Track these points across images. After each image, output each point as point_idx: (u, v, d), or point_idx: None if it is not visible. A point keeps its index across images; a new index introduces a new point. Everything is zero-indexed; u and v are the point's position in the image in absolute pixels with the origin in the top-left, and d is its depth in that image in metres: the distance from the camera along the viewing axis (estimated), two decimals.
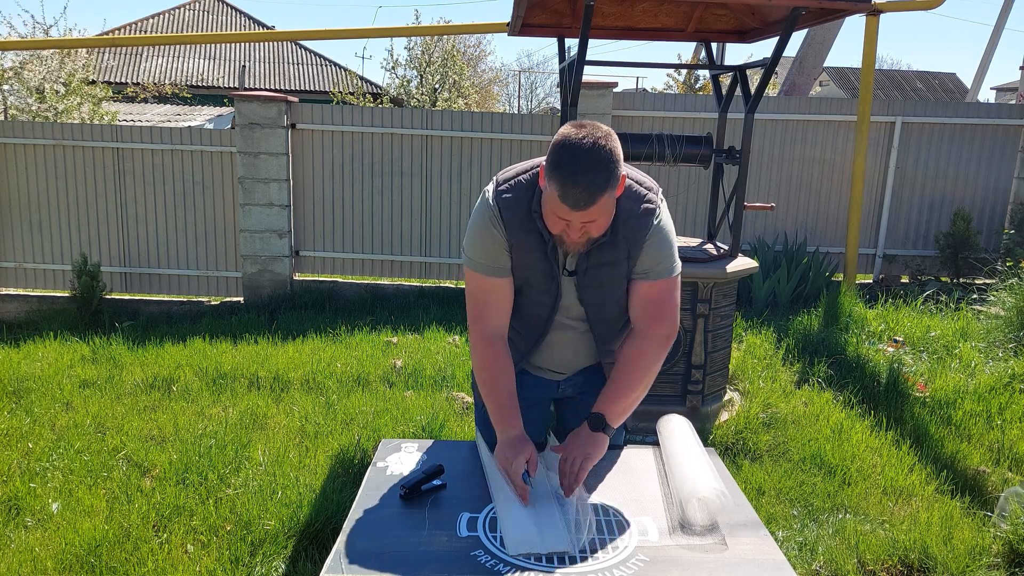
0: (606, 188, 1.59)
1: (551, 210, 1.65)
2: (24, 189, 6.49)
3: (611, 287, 1.84)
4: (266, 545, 2.73)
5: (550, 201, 1.63)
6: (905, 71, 30.91)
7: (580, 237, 1.68)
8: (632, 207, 1.76)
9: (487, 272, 1.81)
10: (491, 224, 1.77)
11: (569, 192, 1.57)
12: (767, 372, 4.61)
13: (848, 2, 3.15)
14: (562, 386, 2.05)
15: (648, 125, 6.53)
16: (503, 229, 1.77)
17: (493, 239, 1.78)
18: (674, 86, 18.33)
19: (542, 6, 3.78)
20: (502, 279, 1.82)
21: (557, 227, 1.68)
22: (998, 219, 6.87)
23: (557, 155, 1.59)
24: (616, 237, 1.76)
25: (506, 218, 1.77)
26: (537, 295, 1.86)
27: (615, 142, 1.62)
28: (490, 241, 1.78)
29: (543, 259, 1.79)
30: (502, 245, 1.78)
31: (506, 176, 1.81)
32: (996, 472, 3.43)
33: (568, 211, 1.60)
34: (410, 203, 6.64)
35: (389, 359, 4.92)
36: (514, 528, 1.52)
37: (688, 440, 1.84)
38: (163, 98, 17.16)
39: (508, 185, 1.79)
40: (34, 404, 4.16)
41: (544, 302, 1.86)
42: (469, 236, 1.83)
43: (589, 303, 1.86)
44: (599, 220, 1.65)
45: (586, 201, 1.58)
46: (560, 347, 1.96)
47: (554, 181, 1.59)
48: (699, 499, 1.61)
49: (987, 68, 10.76)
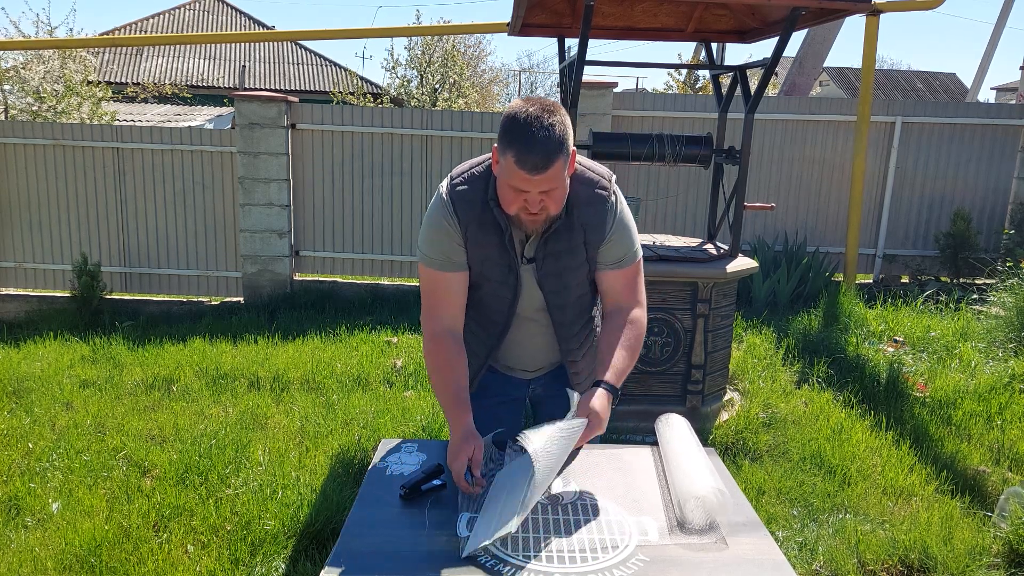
0: (561, 151, 1.60)
1: (507, 183, 1.65)
2: (24, 189, 6.49)
3: (571, 273, 1.86)
4: (266, 545, 2.73)
5: (506, 173, 1.64)
6: (905, 71, 30.91)
7: (538, 212, 1.68)
8: (586, 192, 1.79)
9: (439, 267, 1.82)
10: (444, 219, 1.79)
11: (526, 156, 1.58)
12: (767, 372, 4.61)
13: (848, 2, 3.15)
14: (532, 385, 2.07)
15: (648, 125, 6.53)
16: (456, 223, 1.78)
17: (446, 234, 1.79)
18: (674, 86, 18.33)
19: (542, 6, 3.78)
20: (454, 273, 1.82)
21: (515, 204, 1.67)
22: (998, 219, 6.87)
23: (510, 125, 1.61)
24: (572, 222, 1.78)
25: (460, 211, 1.78)
26: (497, 288, 1.86)
27: (564, 113, 1.65)
28: (443, 235, 1.79)
29: (501, 251, 1.80)
30: (455, 239, 1.79)
31: (460, 170, 1.83)
32: (996, 472, 3.43)
33: (525, 177, 1.60)
34: (410, 203, 6.64)
35: (389, 359, 4.92)
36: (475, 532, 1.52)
37: (687, 440, 1.84)
38: (163, 98, 17.16)
39: (462, 178, 1.81)
40: (34, 404, 4.16)
41: (504, 295, 1.86)
42: (423, 232, 1.84)
43: (549, 291, 1.86)
44: (555, 191, 1.66)
45: (543, 162, 1.59)
46: (523, 343, 1.97)
47: (510, 149, 1.60)
48: (697, 498, 1.61)
49: (987, 68, 10.76)
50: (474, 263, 1.83)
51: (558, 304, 1.89)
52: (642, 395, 3.78)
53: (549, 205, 1.68)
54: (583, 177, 1.80)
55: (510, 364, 2.04)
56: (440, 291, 1.84)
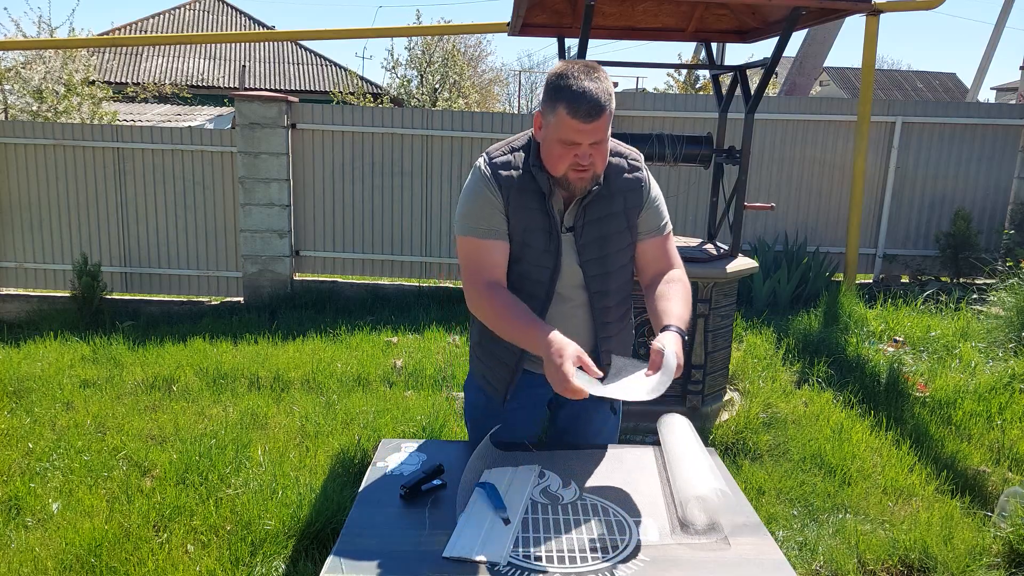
0: (609, 101, 1.67)
1: (557, 140, 1.70)
2: (24, 189, 6.49)
3: (612, 241, 1.86)
4: (266, 545, 2.73)
5: (556, 128, 1.68)
6: (905, 71, 30.90)
7: (587, 168, 1.72)
8: (620, 163, 1.87)
9: (481, 235, 1.82)
10: (485, 188, 1.81)
11: (579, 106, 1.63)
12: (767, 372, 4.61)
13: (848, 2, 3.15)
14: None
15: (648, 125, 6.53)
16: (498, 190, 1.81)
17: (488, 202, 1.81)
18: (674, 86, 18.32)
19: (542, 6, 3.78)
20: (496, 241, 1.82)
21: (564, 160, 1.71)
22: (998, 219, 6.87)
23: (558, 81, 1.68)
24: (610, 190, 1.84)
25: (501, 179, 1.81)
26: (537, 257, 1.85)
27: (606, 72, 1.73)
28: (485, 204, 1.81)
29: (542, 216, 1.82)
30: (497, 207, 1.81)
31: (496, 146, 1.89)
32: (996, 472, 3.43)
33: (578, 127, 1.65)
34: (410, 203, 6.64)
35: (389, 359, 4.92)
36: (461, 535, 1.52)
37: (688, 439, 1.84)
38: (163, 98, 17.16)
39: (500, 151, 1.86)
40: (34, 404, 4.17)
41: (545, 264, 1.85)
42: (461, 205, 1.85)
43: (588, 260, 1.86)
44: (602, 144, 1.71)
45: (596, 110, 1.64)
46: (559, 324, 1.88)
47: (561, 102, 1.65)
48: (699, 498, 1.61)
49: (987, 68, 10.77)
50: (515, 232, 1.83)
51: (598, 276, 1.87)
52: None
53: (596, 160, 1.73)
54: (615, 150, 1.88)
55: None
56: (483, 257, 1.82)
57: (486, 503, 1.62)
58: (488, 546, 1.48)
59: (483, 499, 1.64)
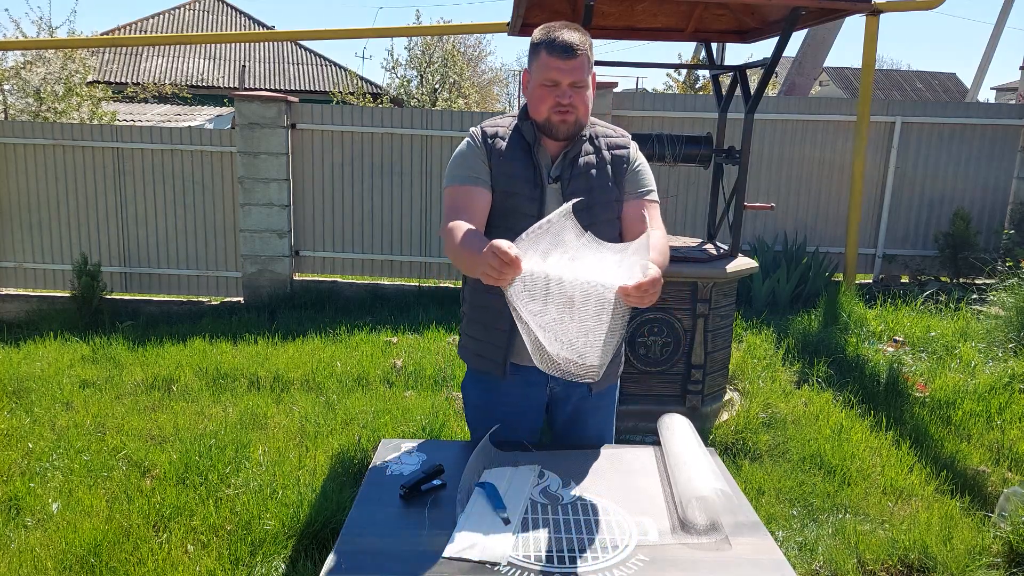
0: (586, 44, 1.79)
1: (539, 83, 1.81)
2: (24, 189, 6.49)
3: (599, 193, 1.89)
4: (266, 545, 2.73)
5: (538, 71, 1.81)
6: (905, 71, 30.91)
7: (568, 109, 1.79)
8: (607, 131, 1.98)
9: (462, 181, 1.89)
10: (470, 141, 1.93)
11: (556, 43, 1.76)
12: (767, 372, 4.61)
13: (848, 2, 3.15)
14: (551, 383, 2.01)
15: (648, 125, 6.53)
16: (482, 142, 1.91)
17: (471, 153, 1.91)
18: (674, 86, 18.32)
19: (542, 6, 3.78)
20: (476, 187, 1.88)
21: (547, 101, 1.81)
22: (998, 219, 6.88)
23: (540, 32, 1.82)
24: (598, 146, 1.93)
25: (487, 134, 1.91)
26: (522, 205, 1.88)
27: None
28: (467, 155, 1.91)
29: (527, 165, 1.89)
30: (480, 157, 1.90)
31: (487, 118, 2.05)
32: (996, 472, 3.43)
33: (557, 63, 1.77)
34: (410, 203, 6.64)
35: (389, 359, 4.92)
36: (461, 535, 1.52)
37: (688, 440, 1.84)
38: (163, 98, 17.16)
39: (493, 120, 1.99)
40: (34, 404, 4.16)
41: (530, 212, 1.86)
42: (449, 164, 1.96)
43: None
44: (583, 91, 1.81)
45: (573, 48, 1.76)
46: None
47: (542, 44, 1.79)
48: (699, 498, 1.61)
49: (987, 68, 10.78)
50: (499, 181, 1.89)
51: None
52: (642, 395, 3.78)
53: (577, 102, 1.81)
54: (603, 124, 2.00)
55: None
56: (460, 200, 1.87)
57: (486, 503, 1.63)
58: (488, 546, 1.48)
59: (483, 499, 1.64)
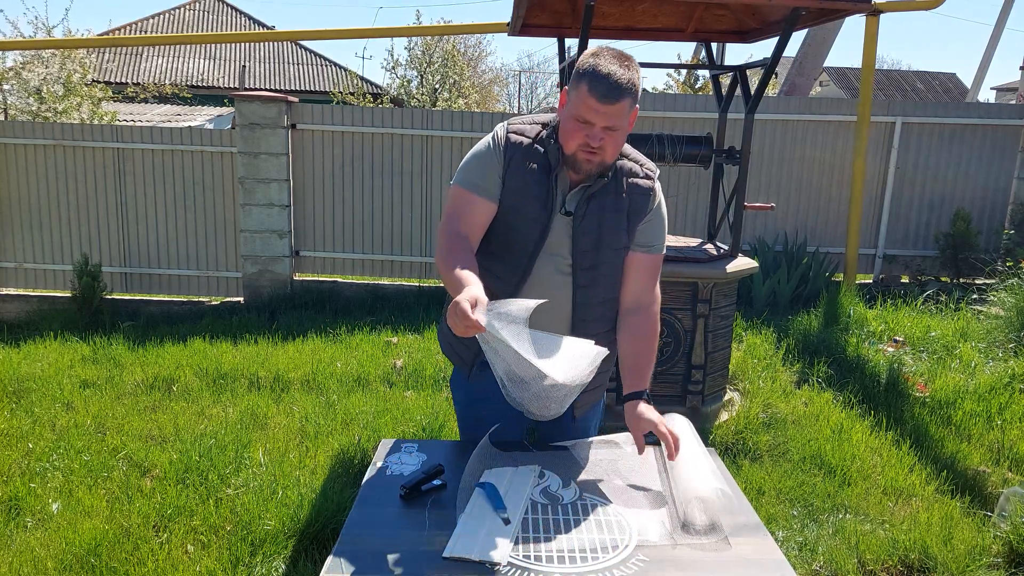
0: (631, 91, 1.67)
1: (574, 116, 1.71)
2: (24, 189, 6.49)
3: (609, 236, 1.84)
4: (266, 545, 2.73)
5: (575, 104, 1.70)
6: (905, 71, 30.89)
7: (597, 151, 1.71)
8: (635, 167, 1.87)
9: (469, 188, 1.83)
10: (491, 146, 1.84)
11: (600, 82, 1.65)
12: (767, 372, 4.61)
13: (848, 2, 3.15)
14: None
15: (648, 125, 6.53)
16: (502, 151, 1.82)
17: (488, 160, 1.83)
18: (674, 86, 18.31)
19: (542, 6, 3.78)
20: (482, 199, 1.82)
21: (576, 138, 1.72)
22: (998, 219, 6.87)
23: (588, 59, 1.70)
24: (620, 186, 1.84)
25: (511, 141, 1.83)
26: (524, 224, 1.82)
27: (639, 69, 1.73)
28: (484, 161, 1.84)
29: (541, 186, 1.80)
30: (495, 169, 1.82)
31: (521, 117, 1.92)
32: (996, 472, 3.43)
33: (595, 105, 1.66)
34: (410, 203, 6.64)
35: (389, 359, 4.92)
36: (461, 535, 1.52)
37: (689, 440, 1.84)
38: (163, 98, 17.16)
39: (522, 120, 1.89)
40: (34, 404, 4.16)
41: (531, 233, 1.82)
42: (465, 159, 1.89)
43: (583, 251, 1.82)
44: (616, 134, 1.71)
45: (615, 93, 1.65)
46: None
47: (584, 79, 1.67)
48: (700, 498, 1.61)
49: (987, 68, 10.77)
50: (508, 195, 1.82)
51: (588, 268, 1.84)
52: None
53: (607, 146, 1.72)
54: (633, 155, 1.90)
55: None
56: (463, 209, 1.82)
57: (486, 503, 1.63)
58: (488, 546, 1.48)
59: (483, 499, 1.64)
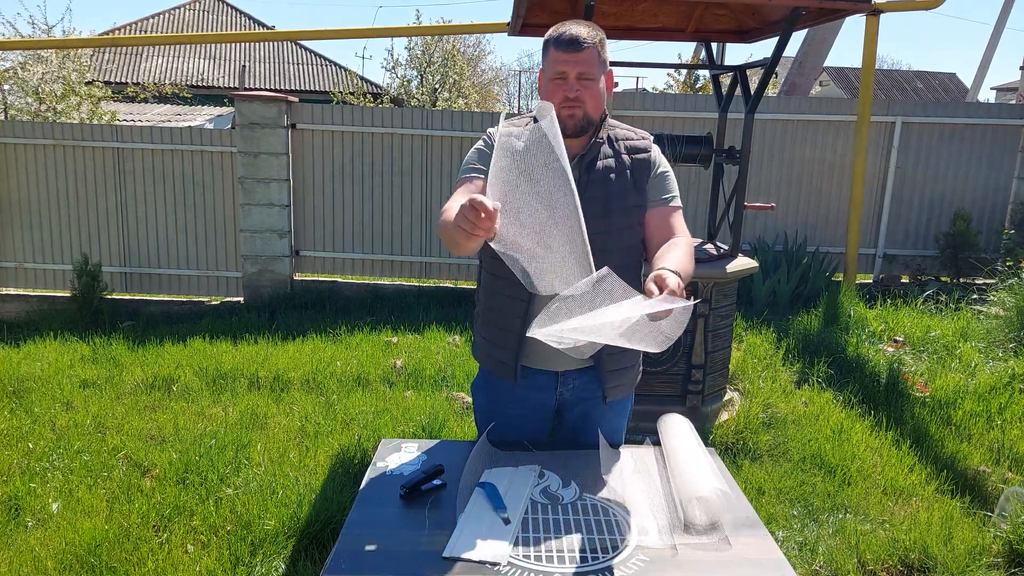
0: (595, 39, 1.79)
1: (550, 76, 1.81)
2: (24, 189, 6.49)
3: (616, 198, 1.84)
4: (266, 545, 2.73)
5: (548, 66, 1.81)
6: (905, 71, 30.91)
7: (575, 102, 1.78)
8: (627, 133, 1.95)
9: (467, 173, 1.89)
10: (485, 142, 1.93)
11: (562, 37, 1.78)
12: (767, 372, 4.61)
13: (848, 2, 3.15)
14: (560, 388, 1.98)
15: (648, 125, 6.53)
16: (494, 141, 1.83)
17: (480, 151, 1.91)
18: (674, 86, 18.31)
19: (542, 6, 3.78)
20: (481, 177, 1.86)
21: (555, 96, 1.79)
22: (998, 219, 6.87)
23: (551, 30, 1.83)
24: (616, 149, 1.89)
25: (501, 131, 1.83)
26: None
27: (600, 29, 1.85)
28: (480, 155, 1.90)
29: None
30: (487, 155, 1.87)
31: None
32: (996, 472, 3.43)
33: (564, 56, 1.77)
34: (410, 203, 6.64)
35: (389, 359, 4.92)
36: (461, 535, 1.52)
37: (689, 440, 1.84)
38: (163, 98, 17.15)
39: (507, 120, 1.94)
40: (34, 404, 4.16)
41: None
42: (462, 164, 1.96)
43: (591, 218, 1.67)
44: (592, 84, 1.79)
45: (578, 42, 1.76)
46: None
47: (550, 41, 1.81)
48: (700, 498, 1.61)
49: (987, 68, 10.78)
50: None
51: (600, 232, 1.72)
52: (642, 395, 3.75)
53: (585, 97, 1.79)
54: (625, 126, 1.97)
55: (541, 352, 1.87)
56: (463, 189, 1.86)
57: (486, 503, 1.63)
58: (488, 546, 1.48)
59: (483, 499, 1.64)
